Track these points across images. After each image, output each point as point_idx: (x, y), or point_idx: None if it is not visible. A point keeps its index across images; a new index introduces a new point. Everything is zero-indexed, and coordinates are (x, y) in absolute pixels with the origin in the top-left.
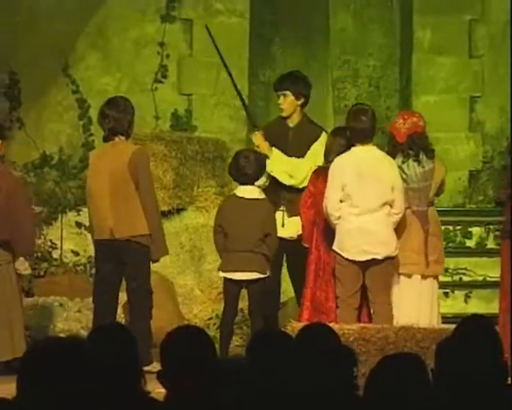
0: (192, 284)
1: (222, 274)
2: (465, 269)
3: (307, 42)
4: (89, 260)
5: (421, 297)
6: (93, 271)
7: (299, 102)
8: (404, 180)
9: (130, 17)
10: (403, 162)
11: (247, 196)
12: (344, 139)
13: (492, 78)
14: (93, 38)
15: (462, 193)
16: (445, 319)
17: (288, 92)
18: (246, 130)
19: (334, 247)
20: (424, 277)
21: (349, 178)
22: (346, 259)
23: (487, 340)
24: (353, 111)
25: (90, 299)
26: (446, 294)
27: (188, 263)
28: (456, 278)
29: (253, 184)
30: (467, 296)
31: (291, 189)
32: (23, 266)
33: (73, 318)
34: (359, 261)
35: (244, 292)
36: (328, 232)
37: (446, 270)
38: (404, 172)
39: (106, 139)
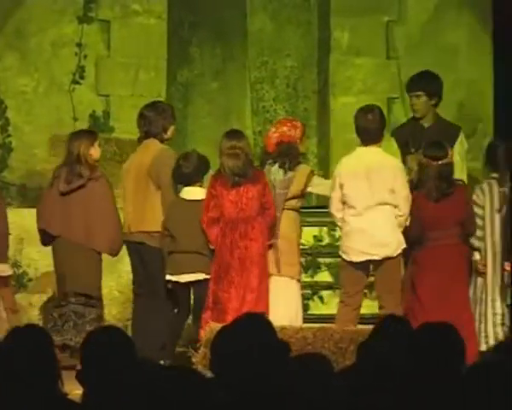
0: (111, 285)
1: (169, 277)
2: None
3: (225, 43)
4: None
5: (277, 296)
6: None
7: (433, 102)
8: (273, 186)
9: (47, 18)
10: (268, 171)
11: (190, 198)
12: (230, 142)
13: None
14: (10, 38)
15: None
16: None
17: (420, 93)
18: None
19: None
20: (280, 275)
21: (345, 178)
22: (345, 260)
23: (405, 338)
24: (362, 110)
25: None
26: None
27: (106, 264)
28: None
29: (194, 184)
30: None
31: None
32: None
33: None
34: (360, 262)
35: None
36: (229, 233)
37: None
38: (269, 179)
39: (139, 140)
